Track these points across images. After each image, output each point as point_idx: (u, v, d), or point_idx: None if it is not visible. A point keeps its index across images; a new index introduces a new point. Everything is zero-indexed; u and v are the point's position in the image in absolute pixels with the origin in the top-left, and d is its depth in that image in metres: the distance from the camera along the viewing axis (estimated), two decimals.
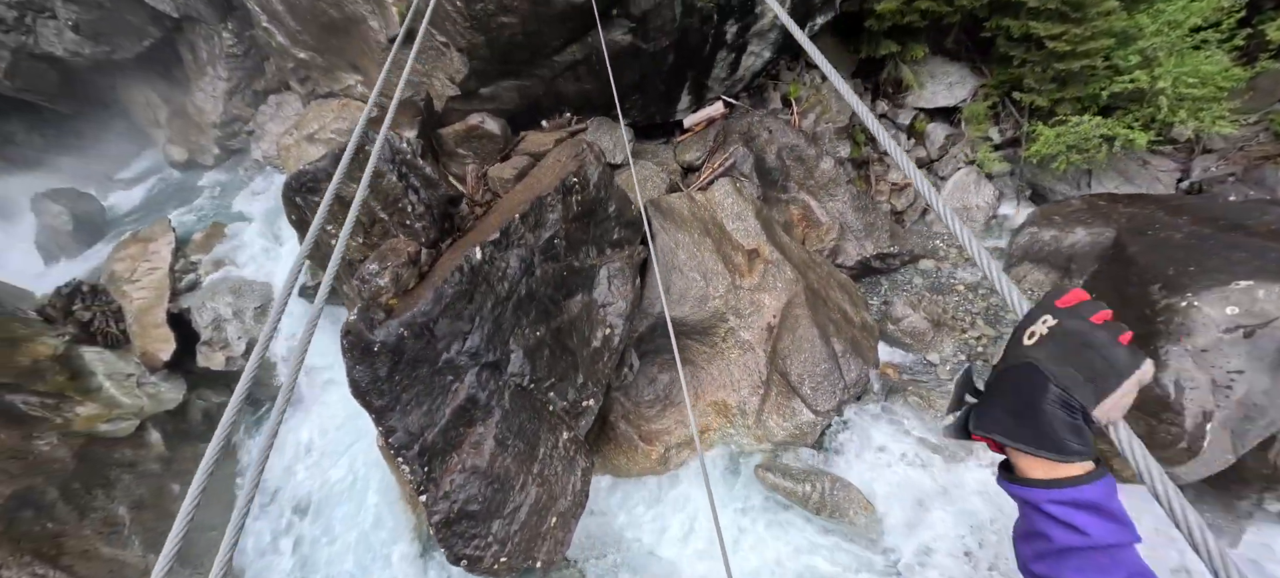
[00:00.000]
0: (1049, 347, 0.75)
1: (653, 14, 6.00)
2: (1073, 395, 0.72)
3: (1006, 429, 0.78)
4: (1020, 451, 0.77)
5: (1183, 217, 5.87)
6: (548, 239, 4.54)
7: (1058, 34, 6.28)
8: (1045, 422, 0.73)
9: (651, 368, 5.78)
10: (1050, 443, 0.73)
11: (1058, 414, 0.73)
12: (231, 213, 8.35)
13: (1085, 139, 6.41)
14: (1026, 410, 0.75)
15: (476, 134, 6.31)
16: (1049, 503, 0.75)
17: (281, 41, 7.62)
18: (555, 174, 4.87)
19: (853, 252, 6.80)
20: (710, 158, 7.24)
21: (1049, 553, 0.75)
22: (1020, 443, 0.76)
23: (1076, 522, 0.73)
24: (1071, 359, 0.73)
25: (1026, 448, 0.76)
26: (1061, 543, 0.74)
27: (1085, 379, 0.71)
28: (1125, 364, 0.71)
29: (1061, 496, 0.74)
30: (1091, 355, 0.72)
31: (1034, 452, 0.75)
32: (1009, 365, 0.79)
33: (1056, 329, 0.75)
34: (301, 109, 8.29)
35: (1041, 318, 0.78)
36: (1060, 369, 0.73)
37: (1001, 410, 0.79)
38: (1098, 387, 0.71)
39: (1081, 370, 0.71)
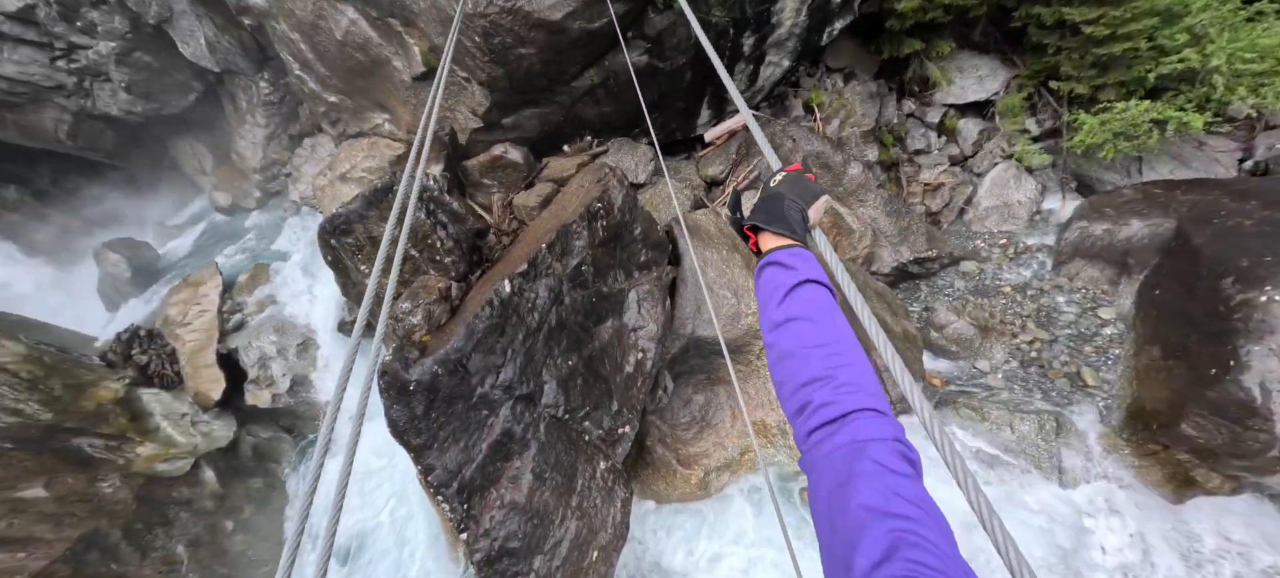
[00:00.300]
0: (783, 184, 1.26)
1: (667, 33, 6.00)
2: (799, 202, 1.22)
3: (765, 220, 1.22)
4: (772, 232, 1.20)
5: (1251, 202, 5.45)
6: (576, 267, 4.52)
7: (1094, 18, 5.98)
8: (784, 216, 1.20)
9: (686, 389, 5.68)
10: (787, 226, 1.19)
11: (792, 215, 1.20)
12: (273, 253, 8.69)
13: (1134, 125, 6.05)
14: (776, 213, 1.20)
15: (500, 164, 6.40)
16: (780, 252, 1.14)
17: (313, 87, 7.94)
18: (579, 200, 4.87)
19: (888, 258, 6.57)
20: (733, 171, 7.14)
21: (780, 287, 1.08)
22: (773, 226, 1.19)
23: (794, 260, 1.11)
24: (795, 189, 1.24)
25: (777, 229, 1.19)
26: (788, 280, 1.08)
27: (803, 197, 1.23)
28: (821, 191, 1.26)
29: (789, 250, 1.15)
30: (805, 185, 1.25)
31: (780, 231, 1.18)
32: (763, 195, 1.26)
33: (788, 177, 1.27)
34: (334, 149, 8.60)
35: (775, 174, 1.30)
36: (791, 191, 1.23)
37: (761, 214, 1.24)
38: (808, 200, 1.24)
39: (801, 194, 1.23)
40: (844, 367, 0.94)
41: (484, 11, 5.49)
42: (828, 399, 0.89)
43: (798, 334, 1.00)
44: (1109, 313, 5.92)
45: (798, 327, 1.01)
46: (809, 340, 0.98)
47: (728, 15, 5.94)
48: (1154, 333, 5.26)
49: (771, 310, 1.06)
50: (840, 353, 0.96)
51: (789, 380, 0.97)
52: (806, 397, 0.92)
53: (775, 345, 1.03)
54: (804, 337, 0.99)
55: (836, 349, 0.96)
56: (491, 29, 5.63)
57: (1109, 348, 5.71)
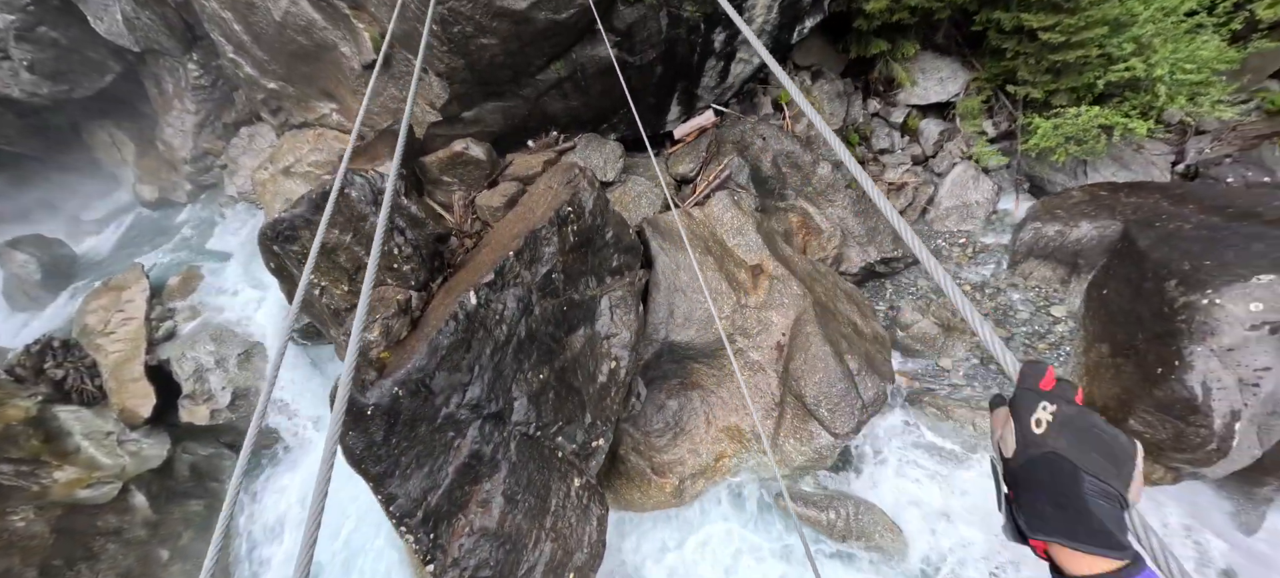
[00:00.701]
0: (1065, 435, 0.75)
1: (638, 26, 5.78)
2: (1110, 484, 0.71)
3: (1063, 530, 0.73)
4: (1079, 551, 0.72)
5: (1188, 205, 5.78)
6: (545, 274, 4.30)
7: (1051, 25, 6.16)
8: (1094, 516, 0.71)
9: (659, 395, 5.57)
10: (1104, 539, 0.70)
11: (1101, 505, 0.71)
12: (208, 253, 7.99)
13: (1084, 130, 6.30)
14: (1070, 505, 0.72)
15: (461, 161, 6.05)
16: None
17: (250, 72, 7.27)
18: (547, 203, 4.64)
19: (856, 258, 6.64)
20: (704, 169, 7.04)
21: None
22: (1080, 544, 0.71)
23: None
24: (1091, 447, 0.73)
25: (1088, 548, 0.71)
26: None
27: (1111, 465, 0.71)
28: (1130, 445, 0.73)
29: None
30: (1105, 441, 0.72)
31: (1097, 552, 0.70)
32: (1031, 457, 0.78)
33: (1060, 416, 0.76)
34: (275, 140, 7.95)
35: (1040, 404, 0.79)
36: (1087, 458, 0.72)
37: (1047, 507, 0.75)
38: (1121, 471, 0.71)
39: (1104, 457, 0.71)
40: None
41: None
42: None
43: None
44: (1060, 311, 6.19)
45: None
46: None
47: (700, 10, 5.78)
48: (1103, 331, 5.53)
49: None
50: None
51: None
52: None
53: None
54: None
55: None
56: (450, 17, 5.26)
57: (1061, 344, 5.97)
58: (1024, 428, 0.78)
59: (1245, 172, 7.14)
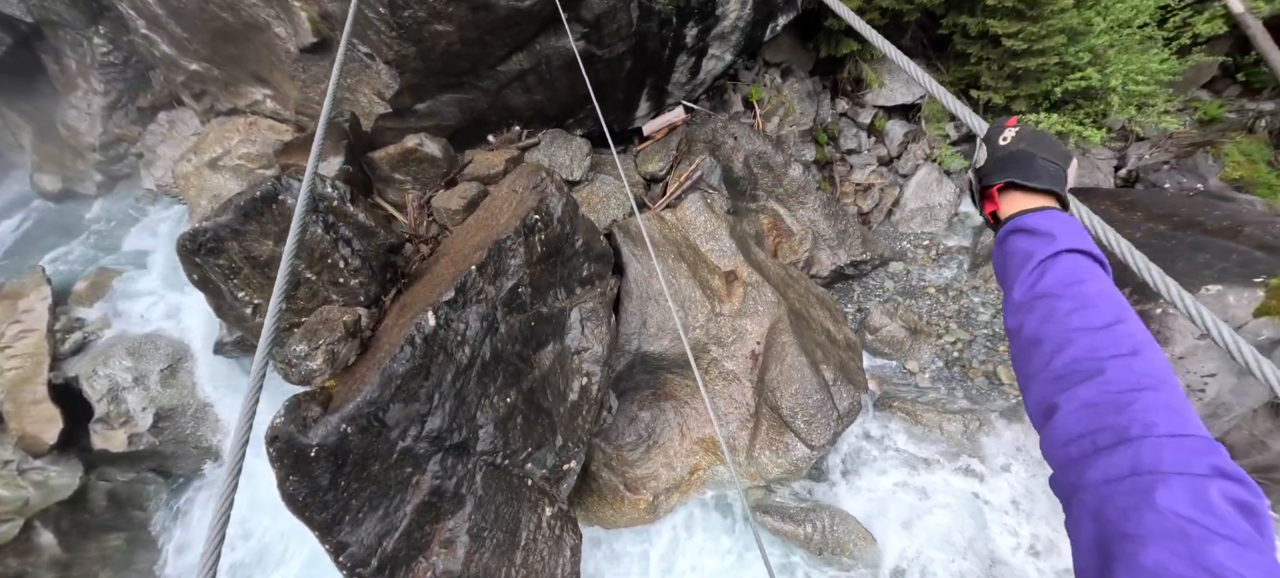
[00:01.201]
0: (1024, 141, 1.00)
1: (607, 17, 5.45)
2: (1055, 159, 0.98)
3: (1016, 174, 0.98)
4: (1027, 191, 0.98)
5: (1136, 212, 6.04)
6: (511, 289, 3.99)
7: (1014, 32, 6.25)
8: (1043, 171, 0.96)
9: (631, 407, 5.37)
10: (1049, 181, 0.96)
11: (1049, 169, 0.97)
12: (123, 254, 7.13)
13: None
14: (1026, 165, 0.97)
15: (414, 158, 5.58)
16: (1028, 216, 0.92)
17: (166, 51, 6.45)
18: (512, 209, 4.30)
19: (827, 261, 6.62)
20: (675, 168, 6.81)
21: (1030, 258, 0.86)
22: (1028, 179, 0.96)
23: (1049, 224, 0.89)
24: (1043, 145, 0.99)
25: (1038, 184, 0.96)
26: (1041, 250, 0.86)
27: (1055, 155, 0.98)
28: (1069, 150, 1.02)
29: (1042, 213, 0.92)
30: (1052, 143, 1.00)
31: (1043, 188, 0.96)
32: (998, 156, 1.03)
33: (1021, 132, 1.03)
34: (200, 128, 7.14)
35: (1002, 133, 1.05)
36: (1039, 147, 0.99)
37: (1005, 169, 1.00)
38: (1063, 157, 1.00)
39: (1051, 151, 0.98)
40: (1124, 359, 0.68)
41: None
42: (1100, 406, 0.65)
43: (1050, 315, 0.78)
44: None
45: (1050, 305, 0.78)
46: (1070, 324, 0.75)
47: (672, 3, 5.50)
48: None
49: (1015, 289, 0.86)
50: (1116, 340, 0.70)
51: (1037, 376, 0.76)
52: (1061, 398, 0.70)
53: (1019, 332, 0.83)
54: (1060, 318, 0.76)
55: (1112, 335, 0.71)
56: (400, 0, 4.77)
57: None
58: (993, 144, 1.04)
59: (1181, 178, 7.57)
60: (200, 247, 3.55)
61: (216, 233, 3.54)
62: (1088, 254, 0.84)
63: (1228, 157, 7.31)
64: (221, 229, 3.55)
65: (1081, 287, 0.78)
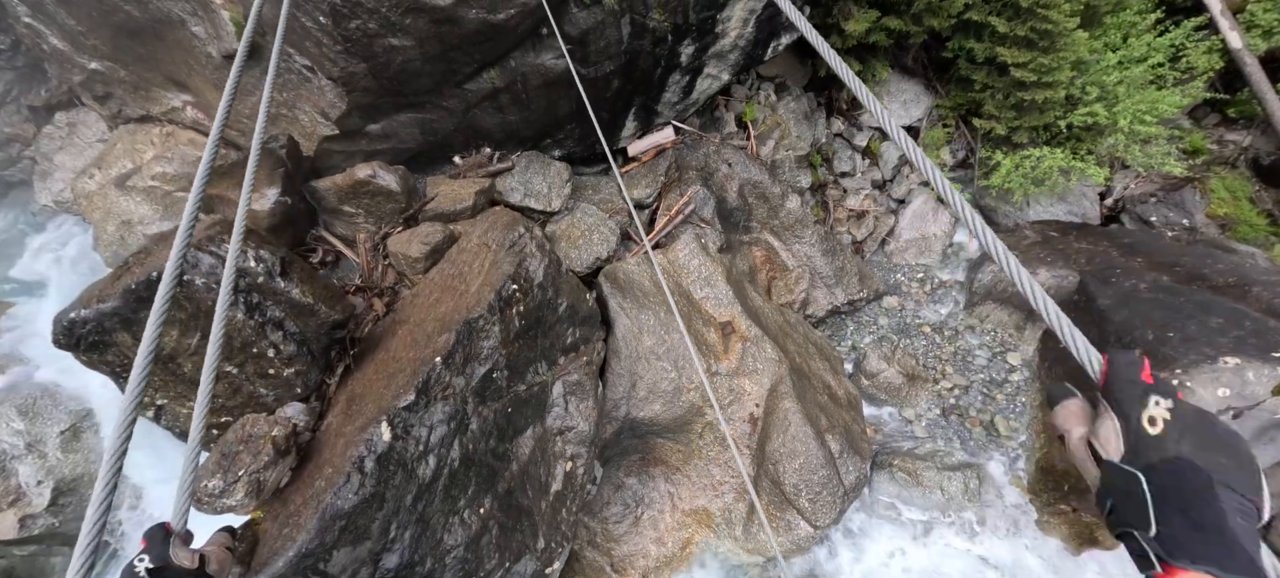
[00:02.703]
0: (1189, 437, 0.61)
1: (593, 34, 4.76)
2: (1246, 494, 0.58)
3: (1208, 556, 0.56)
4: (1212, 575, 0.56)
5: (1137, 258, 5.86)
6: (484, 376, 3.37)
7: (1024, 62, 5.90)
8: (1239, 537, 0.56)
9: (617, 474, 4.87)
10: (1251, 565, 0.54)
11: (1241, 524, 0.57)
12: (12, 282, 6.04)
13: (1046, 172, 6.20)
14: (1209, 524, 0.56)
15: (367, 190, 4.80)
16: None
17: (58, 45, 5.36)
18: (485, 274, 3.65)
19: (824, 301, 6.22)
20: (664, 196, 6.23)
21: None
22: (1213, 568, 0.55)
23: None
24: (1213, 452, 0.60)
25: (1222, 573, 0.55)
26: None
27: (1244, 474, 0.58)
28: (1251, 453, 0.61)
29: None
30: (1230, 444, 0.60)
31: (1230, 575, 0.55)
32: (1150, 464, 0.62)
33: (1181, 416, 0.63)
34: (106, 134, 6.06)
35: (1151, 399, 0.65)
36: (1218, 465, 0.59)
37: (1183, 528, 0.58)
38: (1252, 480, 0.58)
39: (1234, 464, 0.59)
40: None
41: None
42: None
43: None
44: (1016, 359, 6.17)
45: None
46: None
47: (668, 20, 4.86)
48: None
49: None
50: None
51: None
52: None
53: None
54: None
55: None
56: (345, 9, 3.96)
57: (1017, 395, 5.96)
58: (1135, 428, 0.64)
59: (1167, 212, 7.50)
60: (79, 341, 2.78)
61: (100, 323, 2.78)
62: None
63: (1213, 193, 7.27)
64: (107, 318, 2.79)
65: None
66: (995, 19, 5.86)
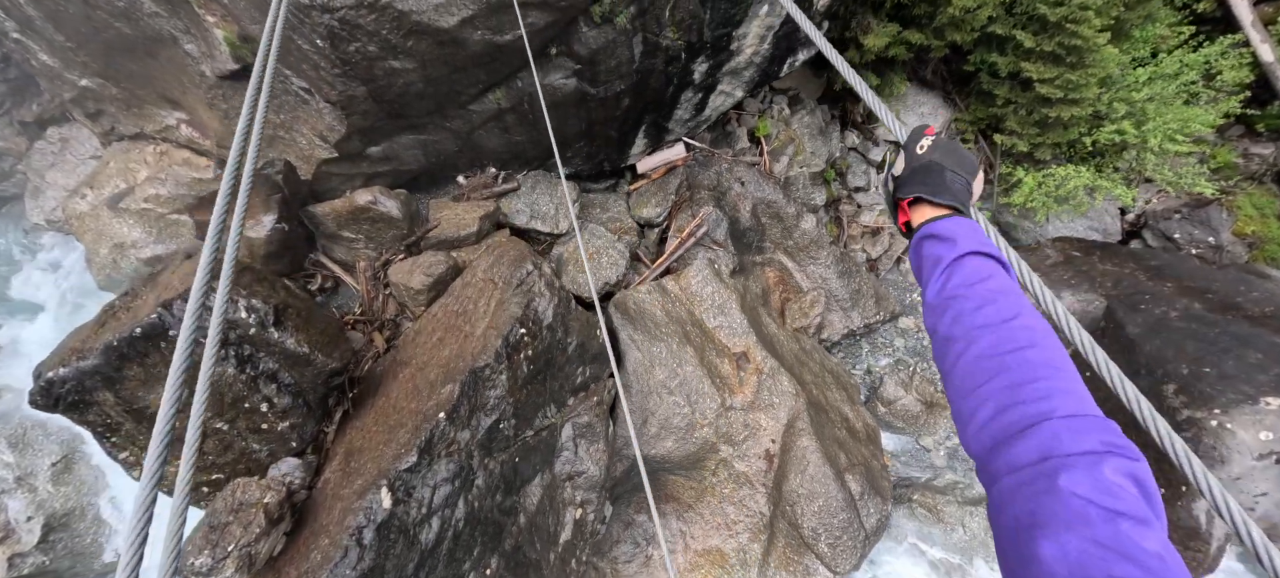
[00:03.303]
0: (937, 152, 1.05)
1: (603, 54, 4.55)
2: (961, 173, 1.03)
3: (924, 189, 1.02)
4: (934, 204, 1.02)
5: (1166, 283, 5.64)
6: (491, 427, 3.18)
7: (1050, 78, 5.66)
8: (948, 187, 1.02)
9: (627, 511, 4.68)
10: (951, 196, 1.01)
11: (956, 185, 1.02)
12: (3, 305, 5.87)
13: (1071, 192, 5.97)
14: (937, 183, 1.02)
15: (367, 216, 4.61)
16: (937, 223, 0.97)
17: (47, 61, 5.16)
18: (491, 316, 3.46)
19: (839, 325, 6.01)
20: (675, 215, 6.02)
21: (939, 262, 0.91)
22: (938, 197, 1.01)
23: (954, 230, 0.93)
24: (952, 158, 1.04)
25: (943, 200, 1.00)
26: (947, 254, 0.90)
27: (963, 167, 1.04)
28: (976, 161, 1.07)
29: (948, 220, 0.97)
30: (962, 155, 1.06)
31: (947, 202, 1.00)
32: (913, 166, 1.07)
33: (937, 143, 1.07)
34: (99, 151, 5.88)
35: (919, 141, 1.09)
36: (948, 160, 1.04)
37: (917, 183, 1.04)
38: (969, 170, 1.05)
39: (959, 164, 1.04)
40: (1022, 351, 0.71)
41: (329, 4, 3.60)
42: (1004, 399, 0.68)
43: (958, 315, 0.82)
44: None
45: (958, 305, 0.83)
46: (974, 322, 0.79)
47: (682, 38, 4.64)
48: None
49: (928, 291, 0.91)
50: (1014, 335, 0.74)
51: (951, 372, 0.79)
52: (976, 396, 0.72)
53: (935, 332, 0.86)
54: (966, 317, 0.80)
55: (1010, 330, 0.75)
56: (343, 32, 3.76)
57: None
58: (910, 152, 1.08)
59: (1192, 229, 7.25)
60: (57, 400, 2.59)
61: (80, 382, 2.59)
62: (989, 255, 0.88)
63: (1239, 210, 7.03)
64: (87, 377, 2.60)
65: (983, 285, 0.83)
66: (1021, 33, 5.62)
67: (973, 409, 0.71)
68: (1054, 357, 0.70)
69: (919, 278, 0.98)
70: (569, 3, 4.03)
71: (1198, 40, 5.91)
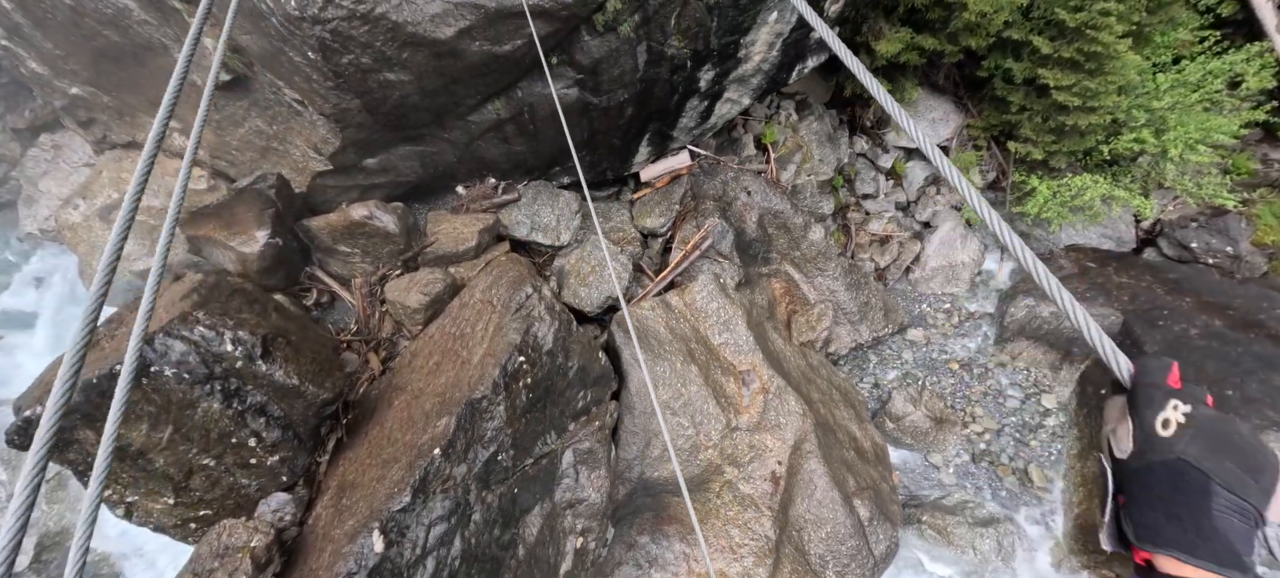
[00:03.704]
0: (1198, 441, 0.64)
1: (606, 63, 4.40)
2: (1247, 498, 0.60)
3: (1178, 543, 0.62)
4: (1197, 566, 0.61)
5: (1185, 298, 5.48)
6: (489, 459, 3.07)
7: (1068, 84, 5.48)
8: (1221, 531, 0.60)
9: (629, 533, 4.56)
10: (1231, 558, 0.60)
11: (1232, 522, 0.61)
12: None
13: (1088, 203, 5.80)
14: (1192, 518, 0.62)
15: (364, 231, 4.49)
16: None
17: (36, 69, 5.05)
18: (489, 342, 3.34)
19: (847, 338, 5.88)
20: (679, 225, 5.88)
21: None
22: (1200, 559, 0.61)
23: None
24: (1227, 455, 0.62)
25: (1207, 565, 0.61)
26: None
27: (1250, 478, 0.61)
28: (1273, 456, 0.63)
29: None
30: (1244, 450, 0.62)
31: (1217, 570, 0.60)
32: (1152, 462, 0.67)
33: (1196, 420, 0.65)
34: (92, 158, 5.76)
35: (1170, 403, 0.68)
36: (1221, 468, 0.61)
37: (1161, 517, 0.64)
38: (1260, 484, 0.61)
39: (1241, 467, 0.61)
40: None
41: (319, 16, 3.46)
42: None
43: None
44: (1051, 401, 5.81)
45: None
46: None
47: (688, 46, 4.48)
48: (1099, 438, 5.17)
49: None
50: None
51: None
52: None
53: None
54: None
55: None
56: (336, 44, 3.62)
57: (1052, 442, 5.61)
58: (1146, 428, 0.68)
59: (1209, 238, 7.05)
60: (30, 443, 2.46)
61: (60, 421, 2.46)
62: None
63: (1259, 219, 6.82)
64: (67, 415, 2.48)
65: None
66: (1038, 38, 5.44)
67: None
68: None
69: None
70: (571, 12, 3.88)
71: (1223, 46, 5.71)
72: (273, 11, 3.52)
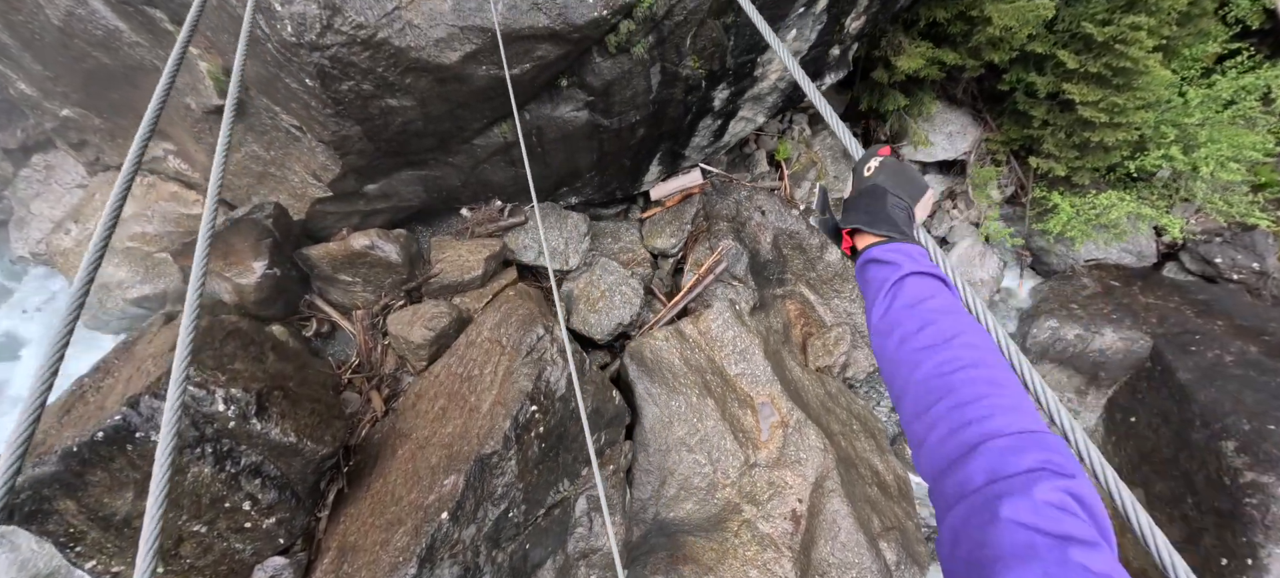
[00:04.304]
0: (882, 175, 1.03)
1: (618, 85, 4.21)
2: (903, 199, 1.00)
3: (865, 220, 1.00)
4: (873, 233, 0.98)
5: (1217, 321, 5.28)
6: (499, 517, 2.88)
7: (1094, 100, 5.28)
8: (891, 215, 0.98)
9: (643, 572, 4.38)
10: (892, 226, 0.97)
11: (899, 212, 0.99)
12: None
13: (1115, 221, 5.60)
14: (878, 212, 0.99)
15: (365, 261, 4.30)
16: (880, 247, 0.94)
17: (26, 91, 4.86)
18: (498, 390, 3.15)
19: (865, 362, 5.68)
20: (691, 247, 5.69)
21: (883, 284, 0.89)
22: (876, 228, 0.97)
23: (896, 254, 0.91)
24: (897, 181, 1.02)
25: (881, 230, 0.97)
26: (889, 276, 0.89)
27: (908, 191, 1.01)
28: (925, 184, 1.04)
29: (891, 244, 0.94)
30: (908, 177, 1.02)
31: (885, 233, 0.96)
32: (860, 189, 1.04)
33: (884, 165, 1.04)
34: (85, 180, 5.58)
35: (868, 163, 1.06)
36: (893, 186, 1.01)
37: (860, 212, 1.01)
38: (914, 195, 1.02)
39: (905, 187, 1.01)
40: (967, 370, 0.70)
41: (318, 42, 3.27)
42: (953, 420, 0.66)
43: (903, 338, 0.81)
44: None
45: (902, 328, 0.82)
46: (918, 344, 0.78)
47: (703, 67, 4.29)
48: (1131, 469, 4.97)
49: (873, 314, 0.90)
50: (958, 354, 0.73)
51: (903, 399, 0.77)
52: (926, 420, 0.70)
53: (882, 354, 0.85)
54: (911, 339, 0.79)
55: (954, 349, 0.74)
56: (335, 71, 3.43)
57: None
58: (858, 174, 1.07)
59: (1235, 254, 6.84)
60: (13, 511, 2.30)
61: (37, 491, 2.29)
62: (930, 275, 0.87)
63: None
64: (45, 485, 2.30)
65: (925, 305, 0.82)
66: (1063, 52, 5.24)
67: (923, 433, 0.70)
68: (996, 373, 0.70)
69: (865, 300, 0.98)
70: (582, 34, 3.69)
71: (1256, 61, 5.51)
72: (268, 37, 3.33)
